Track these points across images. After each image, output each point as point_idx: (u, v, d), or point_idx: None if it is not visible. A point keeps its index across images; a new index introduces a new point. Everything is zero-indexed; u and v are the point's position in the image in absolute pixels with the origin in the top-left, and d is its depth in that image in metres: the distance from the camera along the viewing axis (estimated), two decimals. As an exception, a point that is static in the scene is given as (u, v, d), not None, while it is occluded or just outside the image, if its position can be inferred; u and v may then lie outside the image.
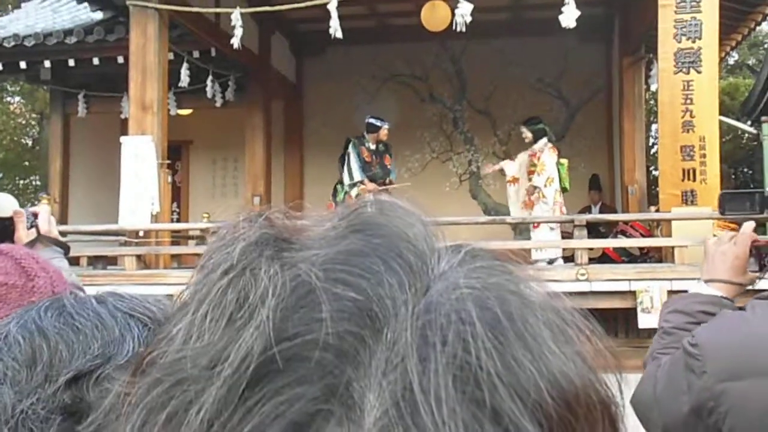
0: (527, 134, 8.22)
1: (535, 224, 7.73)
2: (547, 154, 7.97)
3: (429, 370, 0.27)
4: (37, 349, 0.66)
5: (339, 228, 0.33)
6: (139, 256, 7.52)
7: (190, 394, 0.29)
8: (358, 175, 8.39)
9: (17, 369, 0.65)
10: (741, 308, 1.20)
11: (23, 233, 1.73)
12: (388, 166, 8.69)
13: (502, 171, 8.45)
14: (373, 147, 8.52)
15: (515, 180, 8.21)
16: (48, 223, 1.78)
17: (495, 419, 0.27)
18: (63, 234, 8.28)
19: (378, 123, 8.52)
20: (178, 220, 11.63)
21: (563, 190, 8.05)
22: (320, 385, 0.28)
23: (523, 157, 8.29)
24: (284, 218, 0.35)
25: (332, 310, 0.29)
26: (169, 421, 0.29)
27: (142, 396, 0.30)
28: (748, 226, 1.40)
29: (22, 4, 13.05)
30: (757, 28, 11.80)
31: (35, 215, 1.76)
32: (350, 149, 8.45)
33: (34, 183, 19.08)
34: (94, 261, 7.58)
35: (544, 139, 8.08)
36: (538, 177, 7.89)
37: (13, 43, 9.85)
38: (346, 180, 8.44)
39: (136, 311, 0.69)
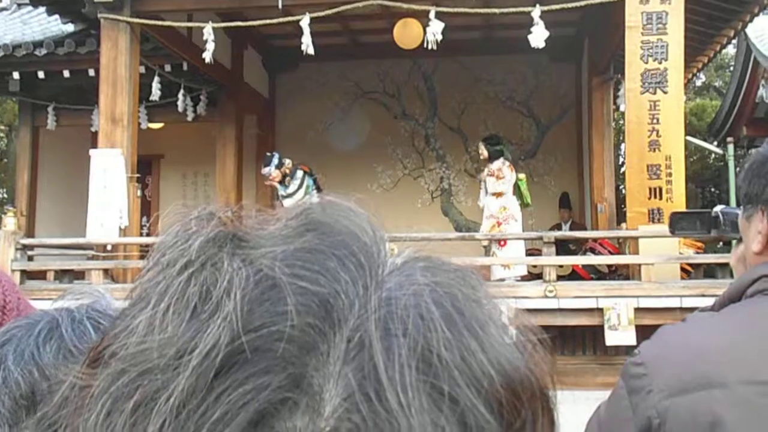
0: (484, 152, 8.27)
1: (502, 242, 7.76)
2: (507, 173, 8.05)
3: (393, 358, 0.29)
4: (36, 390, 0.66)
5: (291, 227, 0.35)
6: (106, 270, 7.44)
7: (158, 382, 0.29)
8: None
9: (16, 409, 0.66)
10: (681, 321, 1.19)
11: None
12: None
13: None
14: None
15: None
16: None
17: (453, 404, 0.30)
18: (29, 247, 8.02)
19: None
20: (148, 234, 11.51)
21: (525, 205, 8.20)
22: (284, 375, 0.29)
23: (484, 177, 8.38)
24: (233, 217, 0.36)
25: (296, 303, 0.30)
26: (137, 409, 0.29)
27: (105, 386, 0.31)
28: None
29: (-9, 15, 12.89)
30: (723, 50, 12.07)
31: None
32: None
33: (0, 196, 18.77)
34: (61, 275, 7.47)
35: (501, 159, 8.16)
36: (508, 198, 7.98)
37: (-19, 55, 9.74)
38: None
39: None
